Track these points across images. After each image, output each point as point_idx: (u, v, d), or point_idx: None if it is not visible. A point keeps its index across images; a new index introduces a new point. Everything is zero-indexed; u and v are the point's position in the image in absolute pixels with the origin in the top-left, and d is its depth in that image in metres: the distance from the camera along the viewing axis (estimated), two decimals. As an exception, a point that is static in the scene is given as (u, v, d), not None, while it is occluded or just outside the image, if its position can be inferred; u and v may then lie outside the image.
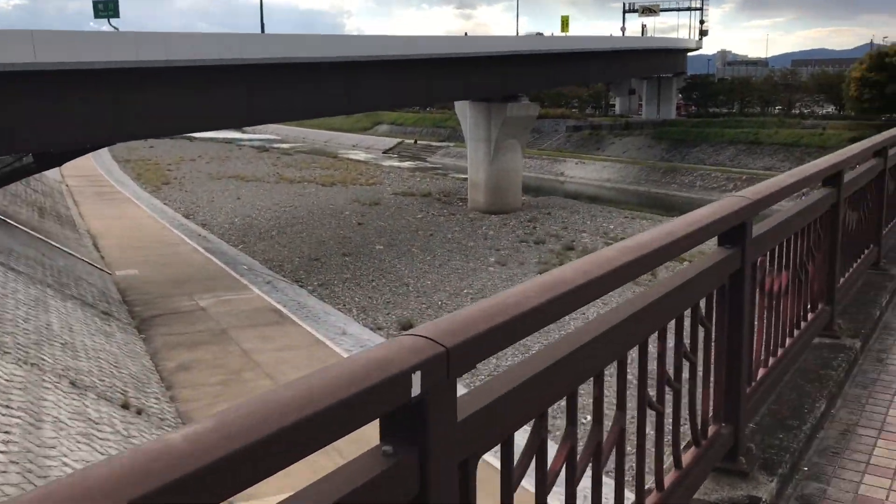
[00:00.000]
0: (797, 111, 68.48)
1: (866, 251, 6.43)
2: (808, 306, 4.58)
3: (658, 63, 70.55)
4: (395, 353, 1.45)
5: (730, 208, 2.92)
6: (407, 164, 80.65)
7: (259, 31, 42.04)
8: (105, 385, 12.22)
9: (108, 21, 29.51)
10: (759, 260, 3.40)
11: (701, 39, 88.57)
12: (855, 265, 5.98)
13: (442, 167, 76.30)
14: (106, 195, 45.26)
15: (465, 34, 46.85)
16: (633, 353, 2.46)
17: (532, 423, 1.92)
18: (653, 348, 2.60)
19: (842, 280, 5.38)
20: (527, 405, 1.89)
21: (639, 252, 2.32)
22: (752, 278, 3.23)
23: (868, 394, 4.60)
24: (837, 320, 5.13)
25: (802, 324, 4.41)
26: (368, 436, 1.51)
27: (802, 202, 4.29)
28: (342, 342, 17.68)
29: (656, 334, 2.58)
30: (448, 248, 33.73)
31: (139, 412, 11.87)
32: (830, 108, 69.20)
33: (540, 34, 61.29)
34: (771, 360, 3.81)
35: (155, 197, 49.77)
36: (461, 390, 1.64)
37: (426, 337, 1.53)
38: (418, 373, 1.43)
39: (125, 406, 11.68)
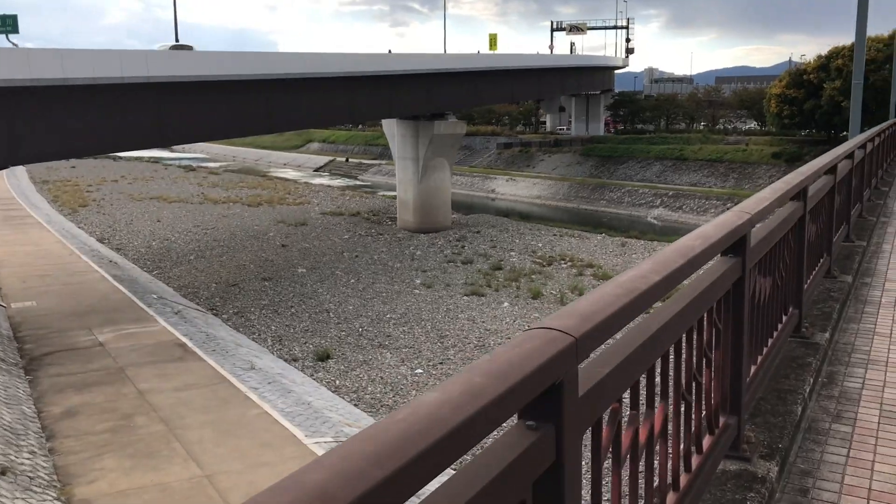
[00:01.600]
0: (721, 127, 69.82)
1: (785, 318, 5.26)
2: (704, 425, 3.38)
3: (586, 80, 71.19)
4: None
5: (537, 357, 1.66)
6: (338, 182, 79.58)
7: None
8: (-35, 442, 10.93)
9: (7, 37, 27.81)
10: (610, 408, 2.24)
11: (627, 57, 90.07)
12: (770, 342, 4.77)
13: (373, 185, 75.43)
14: (15, 219, 42.86)
15: (390, 51, 46.15)
16: None
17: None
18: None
19: (752, 370, 4.18)
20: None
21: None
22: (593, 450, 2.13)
23: None
24: (747, 432, 3.89)
25: (694, 460, 3.18)
26: None
27: (696, 285, 3.09)
28: (248, 379, 16.56)
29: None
30: (373, 271, 32.81)
31: (3, 472, 10.62)
32: (753, 124, 70.79)
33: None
34: None
35: (70, 220, 47.59)
36: None
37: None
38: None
39: (-14, 466, 10.43)
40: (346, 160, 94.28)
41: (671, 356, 2.83)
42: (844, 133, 45.76)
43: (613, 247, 38.58)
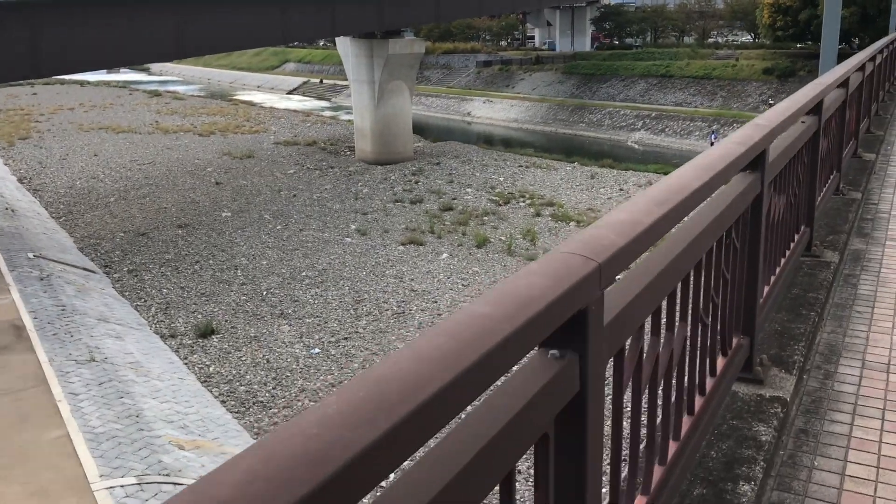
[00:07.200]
0: (713, 41, 64.84)
1: (797, 237, 5.22)
2: (718, 347, 3.28)
3: (568, -10, 65.84)
4: None
5: (560, 284, 1.57)
6: (308, 105, 75.16)
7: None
8: None
9: None
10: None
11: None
12: (783, 261, 4.65)
13: (344, 108, 70.92)
14: (-72, 157, 39.11)
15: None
16: None
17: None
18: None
19: (765, 290, 4.07)
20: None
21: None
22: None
23: None
24: (759, 354, 3.81)
25: (708, 382, 3.10)
26: None
27: (716, 203, 2.99)
28: (75, 379, 13.19)
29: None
30: (307, 213, 29.18)
31: None
32: (747, 37, 65.83)
33: None
34: None
35: (0, 156, 43.89)
36: None
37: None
38: None
39: None
40: (321, 81, 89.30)
41: (691, 278, 2.75)
42: (842, 45, 41.31)
43: (582, 179, 34.83)
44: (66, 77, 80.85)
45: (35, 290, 18.33)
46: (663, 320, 2.48)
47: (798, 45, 52.16)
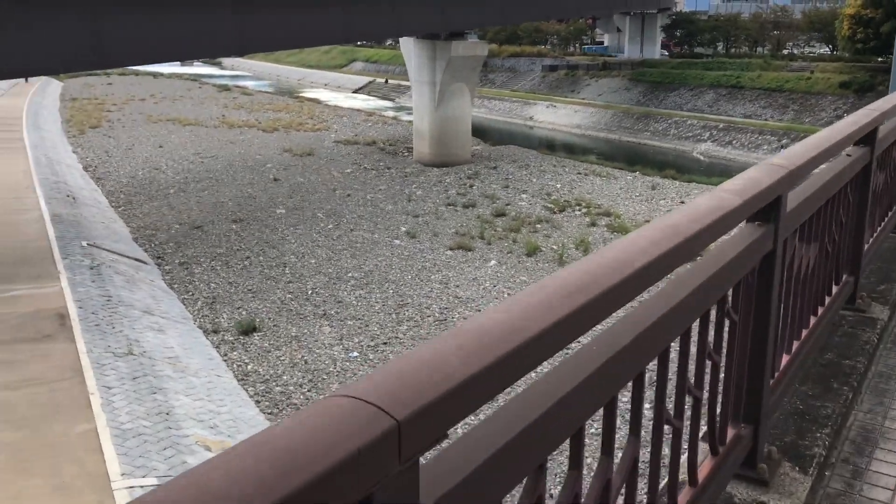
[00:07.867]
0: (788, 52, 62.72)
1: (835, 289, 4.30)
2: (703, 441, 2.52)
3: (637, -3, 64.51)
4: None
5: (321, 455, 0.97)
6: (371, 104, 75.44)
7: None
8: None
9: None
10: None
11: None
12: (813, 322, 3.81)
13: (407, 109, 71.04)
14: (1, 142, 40.34)
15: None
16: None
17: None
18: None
19: (783, 362, 3.41)
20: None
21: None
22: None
23: None
24: (767, 445, 3.05)
25: (682, 497, 2.34)
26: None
27: (705, 266, 2.26)
28: (110, 372, 13.23)
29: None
30: (359, 214, 29.06)
31: None
32: (824, 49, 63.52)
33: None
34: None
35: (71, 143, 45.16)
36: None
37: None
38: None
39: None
40: (386, 81, 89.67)
41: (653, 368, 1.99)
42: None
43: (642, 189, 33.93)
44: (140, 68, 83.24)
45: (84, 278, 18.56)
46: (603, 434, 1.78)
47: (879, 59, 50.04)
